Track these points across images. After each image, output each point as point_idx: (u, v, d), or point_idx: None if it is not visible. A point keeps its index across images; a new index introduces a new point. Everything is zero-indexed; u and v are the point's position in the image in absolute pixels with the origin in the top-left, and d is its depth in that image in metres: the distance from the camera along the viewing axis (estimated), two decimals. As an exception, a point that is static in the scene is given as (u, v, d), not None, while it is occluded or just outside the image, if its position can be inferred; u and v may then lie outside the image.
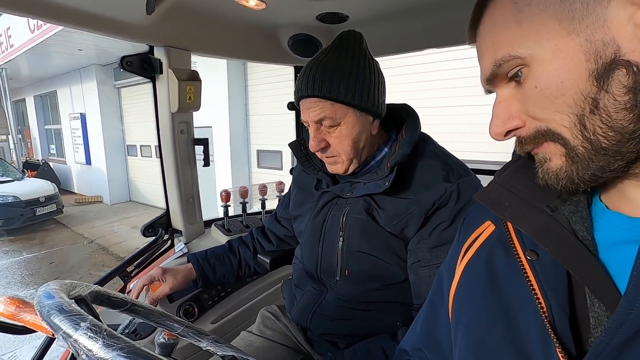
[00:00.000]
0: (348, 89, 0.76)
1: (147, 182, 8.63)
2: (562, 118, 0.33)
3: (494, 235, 0.46)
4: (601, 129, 0.31)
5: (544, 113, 0.35)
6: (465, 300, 0.46)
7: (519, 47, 0.34)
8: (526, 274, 0.39)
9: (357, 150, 0.83)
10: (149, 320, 0.69)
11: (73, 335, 0.36)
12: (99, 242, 6.25)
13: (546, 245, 0.37)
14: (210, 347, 0.71)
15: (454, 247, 0.54)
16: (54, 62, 8.01)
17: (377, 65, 0.84)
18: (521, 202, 0.42)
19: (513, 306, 0.40)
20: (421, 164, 0.83)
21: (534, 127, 0.37)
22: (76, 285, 0.53)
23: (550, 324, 0.35)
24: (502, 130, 0.39)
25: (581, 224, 0.38)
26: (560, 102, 0.33)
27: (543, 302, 0.36)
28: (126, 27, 0.98)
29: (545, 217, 0.39)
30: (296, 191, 1.06)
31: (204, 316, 1.22)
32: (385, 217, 0.81)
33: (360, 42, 0.83)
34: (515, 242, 0.42)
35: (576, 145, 0.34)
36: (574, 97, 0.32)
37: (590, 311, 0.35)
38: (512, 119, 0.38)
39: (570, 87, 0.32)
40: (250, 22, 1.17)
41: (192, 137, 1.32)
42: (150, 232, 1.34)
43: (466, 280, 0.47)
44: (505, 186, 0.44)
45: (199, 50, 1.21)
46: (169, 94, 1.18)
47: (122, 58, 1.10)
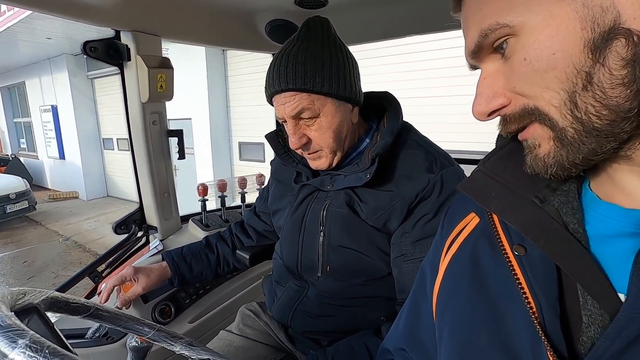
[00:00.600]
0: (324, 78, 0.73)
1: (125, 177, 8.37)
2: (551, 95, 0.30)
3: (478, 228, 0.44)
4: (594, 108, 0.29)
5: (532, 89, 0.32)
6: (450, 299, 0.44)
7: (507, 14, 0.31)
8: (513, 270, 0.36)
9: (340, 141, 0.80)
10: (115, 326, 0.64)
11: (9, 355, 0.31)
12: (75, 240, 6.04)
13: (535, 239, 0.35)
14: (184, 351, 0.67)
15: (437, 241, 0.52)
16: (21, 51, 7.59)
17: (348, 50, 0.80)
18: (508, 193, 0.39)
19: (500, 305, 0.37)
20: (403, 155, 0.80)
21: (520, 105, 0.34)
22: (27, 292, 0.48)
23: (539, 324, 0.33)
24: (486, 109, 0.35)
25: (572, 216, 0.35)
26: (550, 77, 0.30)
27: (532, 301, 0.34)
28: (88, 10, 0.91)
29: (533, 208, 0.36)
30: (275, 184, 1.01)
31: (182, 316, 1.18)
32: (367, 210, 0.78)
33: (329, 28, 0.79)
34: (502, 235, 0.39)
35: (565, 127, 0.31)
36: (566, 70, 0.29)
37: (582, 309, 0.32)
38: (496, 97, 0.35)
39: (563, 59, 0.29)
40: (226, 6, 1.11)
41: (166, 129, 1.25)
42: (122, 229, 1.27)
43: (450, 278, 0.45)
44: (491, 175, 0.41)
45: (169, 36, 1.14)
46: (138, 82, 1.11)
47: (85, 43, 1.02)
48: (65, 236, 6.23)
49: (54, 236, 6.30)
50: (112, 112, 8.16)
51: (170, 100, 1.20)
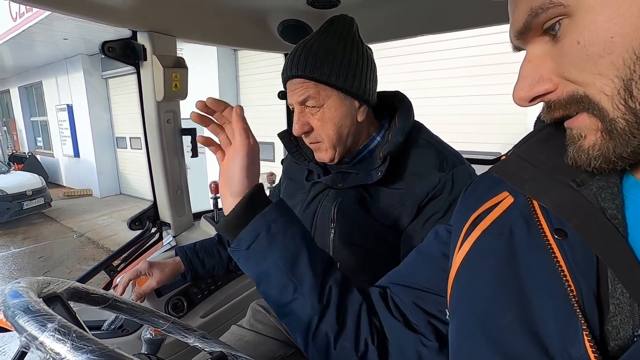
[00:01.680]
0: (332, 70, 0.74)
1: (137, 175, 8.50)
2: (603, 83, 0.28)
3: (514, 209, 0.42)
4: None
5: (583, 75, 0.29)
6: (477, 274, 0.42)
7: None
8: (554, 254, 0.35)
9: (340, 136, 0.81)
10: (132, 317, 0.66)
11: (39, 338, 0.33)
12: (89, 236, 6.17)
13: (569, 220, 0.34)
14: (198, 343, 0.68)
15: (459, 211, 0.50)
16: (38, 51, 7.77)
17: (367, 50, 0.81)
18: (543, 176, 0.37)
19: (530, 287, 0.36)
20: (414, 153, 0.81)
21: (568, 91, 0.32)
22: (51, 282, 0.50)
23: (580, 308, 0.32)
24: (529, 94, 0.33)
25: (611, 201, 0.33)
26: (605, 63, 0.28)
27: (572, 284, 0.33)
28: (107, 11, 0.93)
29: (570, 191, 0.35)
30: (286, 182, 1.03)
31: (194, 310, 1.20)
32: (378, 208, 0.79)
33: (350, 26, 0.80)
34: (542, 219, 0.37)
35: (616, 118, 0.29)
36: (624, 56, 0.27)
37: (611, 297, 0.31)
38: (542, 82, 0.32)
39: (622, 43, 0.26)
40: (239, 6, 1.12)
41: (179, 127, 1.27)
42: (137, 225, 1.30)
43: (479, 253, 0.43)
44: (526, 158, 0.40)
45: (184, 36, 1.16)
46: (153, 81, 1.13)
47: (103, 44, 1.05)
48: (79, 232, 6.37)
49: (69, 232, 6.45)
50: (125, 111, 8.30)
51: (185, 99, 1.22)
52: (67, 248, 5.68)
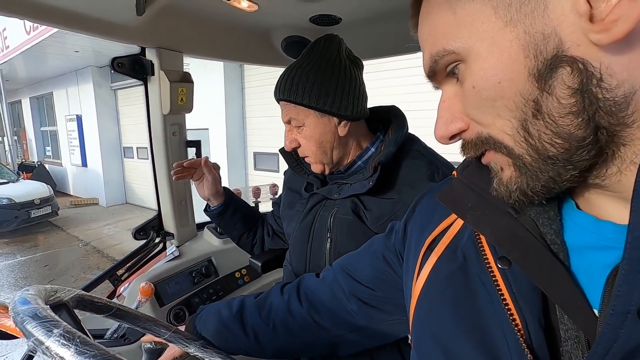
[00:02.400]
0: (304, 91, 0.80)
1: (143, 184, 8.59)
2: (503, 124, 0.30)
3: (464, 231, 0.42)
4: (547, 135, 0.28)
5: (484, 117, 0.31)
6: (435, 303, 0.42)
7: (453, 41, 0.30)
8: (497, 284, 0.35)
9: (324, 151, 0.86)
10: (134, 326, 0.67)
11: (45, 342, 0.35)
12: (94, 245, 6.21)
13: (508, 252, 0.34)
14: (198, 353, 0.70)
15: (415, 233, 0.51)
16: (50, 63, 7.98)
17: (349, 67, 0.84)
18: (484, 203, 0.38)
19: (485, 316, 0.36)
20: (406, 164, 0.83)
21: (475, 132, 0.33)
22: (58, 290, 0.52)
23: (524, 339, 0.32)
24: (446, 133, 0.35)
25: (549, 226, 0.34)
26: (500, 106, 0.29)
27: (516, 315, 0.33)
28: (117, 29, 0.98)
29: (508, 220, 0.35)
30: (287, 193, 1.06)
31: (195, 320, 1.21)
32: (372, 217, 0.81)
33: (329, 46, 0.84)
34: (486, 247, 0.38)
35: (521, 154, 0.30)
36: (514, 99, 0.28)
37: (560, 323, 0.32)
38: (455, 121, 0.34)
39: (509, 88, 0.28)
40: (243, 23, 1.16)
41: (185, 139, 1.31)
42: (141, 234, 1.32)
43: (437, 281, 0.43)
44: (469, 185, 0.40)
45: (190, 52, 1.20)
46: (160, 95, 1.17)
47: (113, 59, 1.09)
48: (85, 241, 6.41)
49: (74, 241, 6.50)
50: (133, 121, 8.44)
51: (190, 113, 1.26)
52: (73, 257, 5.72)
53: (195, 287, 1.24)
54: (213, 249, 1.39)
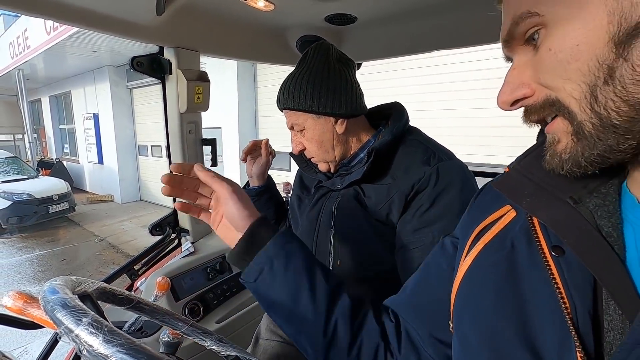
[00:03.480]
0: (300, 98, 0.87)
1: (157, 182, 8.72)
2: (572, 88, 0.31)
3: (515, 223, 0.43)
4: (614, 103, 0.28)
5: (554, 80, 0.32)
6: (479, 287, 0.43)
7: (540, 3, 0.31)
8: (550, 271, 0.36)
9: (326, 150, 0.92)
10: (153, 319, 0.69)
11: (74, 331, 0.36)
12: (109, 240, 6.35)
13: (564, 236, 0.35)
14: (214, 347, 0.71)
15: (465, 222, 0.51)
16: (68, 63, 8.18)
17: (337, 69, 0.88)
18: (541, 191, 0.39)
19: (531, 302, 0.37)
20: (403, 152, 0.87)
21: (542, 96, 0.34)
22: (82, 281, 0.54)
23: (573, 326, 0.32)
24: (509, 98, 0.36)
25: (607, 219, 0.34)
26: (573, 69, 0.30)
27: (567, 302, 0.34)
28: (136, 28, 1.00)
29: (567, 208, 0.36)
30: (299, 188, 1.11)
31: (209, 315, 1.23)
32: (370, 204, 0.84)
33: (317, 52, 0.88)
34: (540, 235, 0.38)
35: (583, 121, 0.31)
36: (589, 63, 0.29)
37: (604, 313, 0.32)
38: (521, 87, 0.35)
39: (586, 51, 0.29)
40: (259, 23, 1.18)
41: (200, 137, 1.33)
42: (158, 230, 1.35)
43: (481, 266, 0.44)
44: (525, 174, 0.41)
45: (207, 51, 1.22)
46: (177, 94, 1.19)
47: (133, 59, 1.11)
48: (100, 237, 6.56)
49: (90, 237, 6.65)
50: (148, 120, 8.59)
51: (206, 111, 1.28)
52: (89, 252, 5.86)
53: (209, 283, 1.26)
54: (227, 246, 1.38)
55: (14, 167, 7.95)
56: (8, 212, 6.67)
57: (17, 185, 7.28)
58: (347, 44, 1.31)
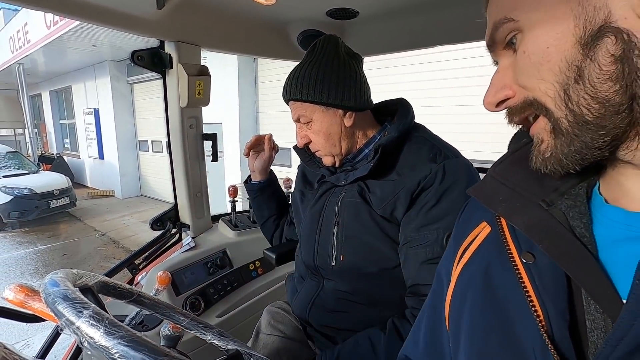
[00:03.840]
0: (309, 89, 0.85)
1: (157, 177, 8.74)
2: (546, 87, 0.32)
3: (489, 237, 0.44)
4: (585, 100, 0.30)
5: (530, 81, 0.34)
6: (463, 308, 0.44)
7: (515, 10, 0.34)
8: (521, 277, 0.36)
9: (333, 143, 0.90)
10: (154, 312, 0.69)
11: (76, 323, 0.36)
12: (110, 235, 6.36)
13: (539, 241, 0.35)
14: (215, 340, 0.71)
15: (451, 247, 0.52)
16: (69, 57, 8.15)
17: (347, 62, 0.87)
18: (516, 196, 0.40)
19: (509, 311, 0.37)
20: (409, 148, 0.86)
21: (522, 97, 0.36)
22: (83, 274, 0.54)
23: (546, 332, 0.33)
24: (493, 99, 0.38)
25: (579, 220, 0.35)
26: (545, 70, 0.32)
27: (539, 309, 0.34)
28: (137, 22, 0.99)
29: (540, 212, 0.37)
30: (302, 184, 1.10)
31: (210, 310, 1.23)
32: (376, 200, 0.84)
33: (327, 44, 0.88)
34: (510, 242, 0.39)
35: (560, 118, 0.32)
36: (559, 64, 0.31)
37: (586, 313, 0.32)
38: (504, 89, 0.37)
39: (556, 53, 0.31)
40: (260, 17, 1.17)
41: (201, 132, 1.33)
42: (158, 225, 1.35)
43: (462, 286, 0.45)
44: (500, 180, 0.42)
45: (208, 45, 1.21)
46: (178, 88, 1.18)
47: (133, 52, 1.11)
48: (101, 232, 6.57)
49: (91, 232, 6.67)
50: (148, 115, 8.57)
51: (207, 106, 1.27)
52: (90, 247, 5.88)
53: (210, 278, 1.27)
54: (227, 241, 1.41)
55: (14, 162, 7.95)
56: (9, 207, 6.68)
57: (18, 180, 7.29)
58: (348, 38, 1.30)
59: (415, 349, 0.59)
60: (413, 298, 0.79)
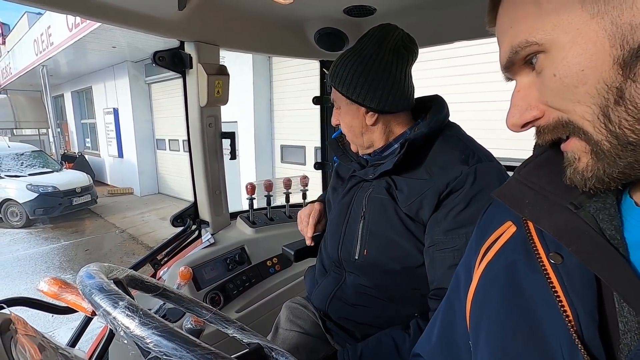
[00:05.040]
0: (340, 79, 0.87)
1: (174, 175, 8.91)
2: (583, 110, 0.31)
3: (515, 236, 0.43)
4: (627, 122, 0.28)
5: (564, 104, 0.32)
6: (485, 306, 0.44)
7: (537, 33, 0.31)
8: (549, 278, 0.36)
9: (355, 134, 0.92)
10: (179, 306, 0.71)
11: (112, 313, 0.38)
12: (130, 232, 6.53)
13: (569, 244, 0.34)
14: (237, 334, 0.73)
15: (471, 246, 0.52)
16: (89, 59, 8.37)
17: (385, 61, 0.84)
18: (542, 200, 0.39)
19: (536, 312, 0.37)
20: (441, 147, 0.84)
21: (554, 118, 0.34)
22: (113, 268, 0.56)
23: (576, 332, 0.32)
24: (520, 121, 0.36)
25: (609, 222, 0.34)
26: (581, 92, 0.30)
27: (568, 309, 0.34)
28: (159, 23, 1.02)
29: (568, 214, 0.36)
30: (335, 178, 1.11)
31: (229, 305, 1.26)
32: (402, 197, 0.83)
33: (375, 36, 0.85)
34: (537, 243, 0.39)
35: (600, 140, 0.31)
36: (597, 86, 0.29)
37: (619, 315, 0.32)
38: (530, 109, 0.35)
39: (592, 75, 0.29)
40: (278, 16, 1.18)
41: (220, 131, 1.35)
42: (179, 222, 1.39)
43: (485, 285, 0.44)
44: (526, 183, 0.41)
45: (227, 45, 1.23)
46: (198, 88, 1.21)
47: (155, 53, 1.14)
48: (121, 228, 6.76)
49: (112, 228, 6.86)
50: (166, 114, 8.73)
51: (225, 104, 1.29)
52: (111, 243, 6.05)
53: (229, 274, 1.30)
54: (246, 238, 1.43)
55: (39, 161, 8.24)
56: (35, 204, 6.94)
57: (43, 178, 7.55)
58: (365, 36, 1.30)
59: (428, 344, 0.59)
60: (437, 301, 0.77)
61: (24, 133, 14.71)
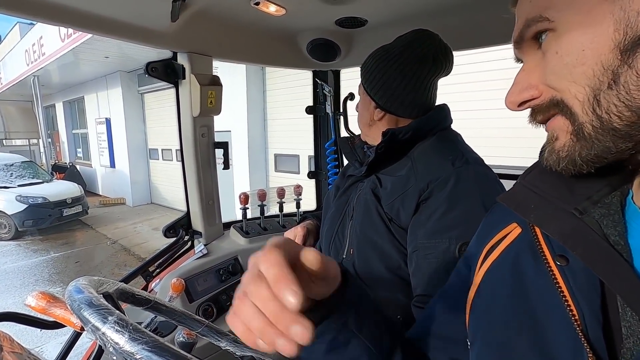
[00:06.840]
0: (365, 67, 0.92)
1: (167, 185, 8.84)
2: (577, 90, 0.32)
3: (520, 238, 0.44)
4: (616, 107, 0.30)
5: (560, 82, 0.33)
6: (489, 304, 0.44)
7: (551, 9, 0.33)
8: (556, 279, 0.37)
9: (363, 123, 0.97)
10: (170, 319, 0.70)
11: (101, 329, 0.37)
12: (122, 243, 6.44)
13: (574, 248, 0.35)
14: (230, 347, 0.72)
15: (474, 245, 0.52)
16: (82, 69, 8.35)
17: (406, 64, 0.85)
18: (547, 205, 0.40)
19: (541, 313, 0.37)
20: (431, 147, 0.85)
21: (549, 97, 0.35)
22: (103, 282, 0.55)
23: (582, 332, 0.33)
24: (517, 98, 0.37)
25: (613, 228, 0.35)
26: (578, 72, 0.31)
27: (574, 309, 0.34)
28: (152, 34, 1.02)
29: (573, 220, 0.37)
30: (340, 178, 1.12)
31: (223, 317, 1.24)
32: (385, 195, 0.84)
33: (404, 39, 0.89)
34: (544, 246, 0.39)
35: (584, 122, 0.32)
36: (594, 67, 0.30)
37: (622, 320, 0.32)
38: (529, 88, 0.36)
39: (592, 56, 0.30)
40: (271, 27, 1.19)
41: (213, 141, 1.35)
42: (171, 233, 1.37)
43: (490, 283, 0.45)
44: (531, 188, 0.42)
45: (220, 56, 1.24)
46: (191, 98, 1.21)
47: (147, 64, 1.14)
48: (112, 239, 6.66)
49: (103, 239, 6.75)
50: (158, 124, 8.70)
51: (218, 115, 1.30)
52: (102, 254, 5.95)
53: (222, 285, 1.28)
54: (239, 248, 1.42)
55: (29, 171, 8.13)
56: (24, 215, 6.82)
57: (33, 189, 7.44)
58: (357, 47, 1.31)
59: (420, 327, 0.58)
60: (420, 309, 0.75)
61: (14, 143, 14.52)
